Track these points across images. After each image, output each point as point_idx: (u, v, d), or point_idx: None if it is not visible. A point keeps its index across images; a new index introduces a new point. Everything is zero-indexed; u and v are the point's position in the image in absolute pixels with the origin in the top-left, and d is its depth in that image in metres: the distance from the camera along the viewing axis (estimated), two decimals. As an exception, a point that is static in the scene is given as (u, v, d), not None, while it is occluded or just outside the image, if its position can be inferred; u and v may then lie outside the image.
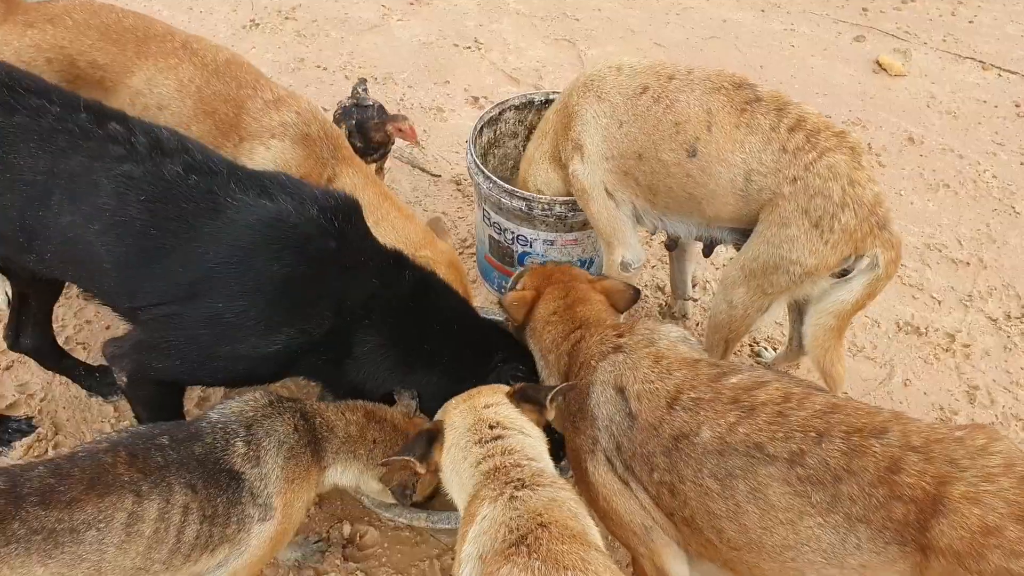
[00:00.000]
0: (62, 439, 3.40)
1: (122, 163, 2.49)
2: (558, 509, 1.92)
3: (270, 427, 2.48)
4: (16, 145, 2.46)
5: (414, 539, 3.13)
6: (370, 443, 2.63)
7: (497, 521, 1.91)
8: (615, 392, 2.38)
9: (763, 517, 2.09)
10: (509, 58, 6.06)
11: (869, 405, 2.18)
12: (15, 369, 3.64)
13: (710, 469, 2.16)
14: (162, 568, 2.23)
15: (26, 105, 2.49)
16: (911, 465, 1.94)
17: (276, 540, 2.44)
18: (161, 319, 2.59)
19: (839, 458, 2.00)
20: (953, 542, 1.84)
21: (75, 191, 2.47)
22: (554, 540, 1.81)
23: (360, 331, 2.72)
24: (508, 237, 3.78)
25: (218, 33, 6.14)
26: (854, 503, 1.98)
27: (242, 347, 2.59)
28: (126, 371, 2.68)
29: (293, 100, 3.49)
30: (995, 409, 3.73)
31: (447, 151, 5.15)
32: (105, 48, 3.37)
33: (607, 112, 3.14)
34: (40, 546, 2.04)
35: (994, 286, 4.33)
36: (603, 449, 2.38)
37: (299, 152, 3.38)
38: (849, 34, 6.49)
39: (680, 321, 4.06)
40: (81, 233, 2.50)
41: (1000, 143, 5.35)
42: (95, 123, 2.53)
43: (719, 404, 2.21)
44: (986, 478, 1.89)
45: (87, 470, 2.18)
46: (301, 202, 2.60)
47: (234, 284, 2.53)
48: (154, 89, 3.35)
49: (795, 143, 2.83)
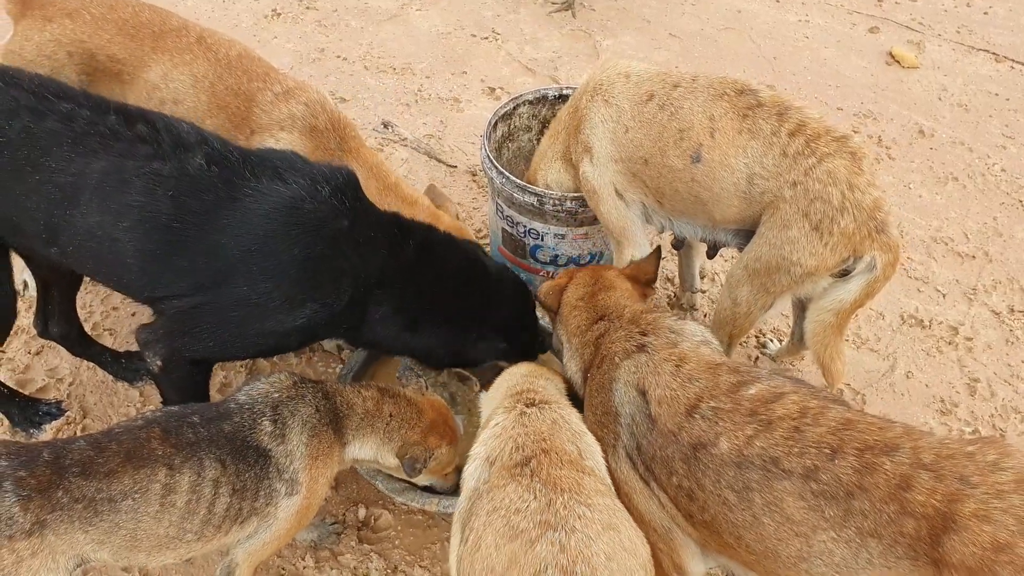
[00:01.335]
0: (90, 422, 3.53)
1: (151, 161, 2.59)
2: (559, 431, 2.27)
3: (294, 407, 2.62)
4: (48, 149, 2.55)
5: (426, 522, 3.24)
6: (387, 417, 2.76)
7: (507, 431, 2.27)
8: (637, 393, 2.44)
9: (778, 529, 2.13)
10: (526, 48, 6.12)
11: (882, 419, 2.21)
12: (45, 354, 3.78)
13: (728, 480, 2.21)
14: (194, 538, 2.37)
15: (56, 110, 2.59)
16: (922, 483, 1.96)
17: (302, 513, 2.58)
18: (191, 307, 2.71)
19: (851, 475, 2.04)
20: (965, 558, 1.86)
21: (106, 190, 2.58)
22: (554, 465, 2.13)
23: (373, 300, 2.87)
24: (520, 231, 3.88)
25: (241, 23, 6.23)
26: (866, 518, 2.00)
27: (269, 324, 2.74)
28: (161, 356, 2.80)
29: (302, 91, 3.56)
30: (995, 402, 3.79)
31: (463, 142, 5.24)
32: (123, 42, 3.45)
33: (614, 117, 3.23)
34: (81, 514, 2.19)
35: (999, 280, 4.38)
36: (624, 446, 2.45)
37: (306, 144, 3.46)
38: (863, 25, 6.49)
39: (689, 312, 4.16)
40: (109, 230, 2.61)
41: (1010, 136, 5.37)
42: (124, 124, 2.63)
43: (738, 416, 2.25)
44: (997, 495, 1.90)
45: (124, 444, 2.32)
46: (313, 183, 2.72)
47: (257, 269, 2.66)
48: (170, 84, 3.45)
49: (795, 148, 2.90)
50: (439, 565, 3.12)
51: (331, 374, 3.75)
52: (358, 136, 3.66)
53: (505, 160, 4.29)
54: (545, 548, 1.91)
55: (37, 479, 2.17)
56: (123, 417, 3.54)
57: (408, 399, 2.84)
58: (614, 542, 1.98)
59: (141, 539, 2.30)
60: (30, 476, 2.16)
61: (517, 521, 1.99)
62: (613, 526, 2.02)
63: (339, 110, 3.68)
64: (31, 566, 2.13)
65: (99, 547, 2.25)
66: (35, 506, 2.13)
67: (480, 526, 2.05)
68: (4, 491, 2.12)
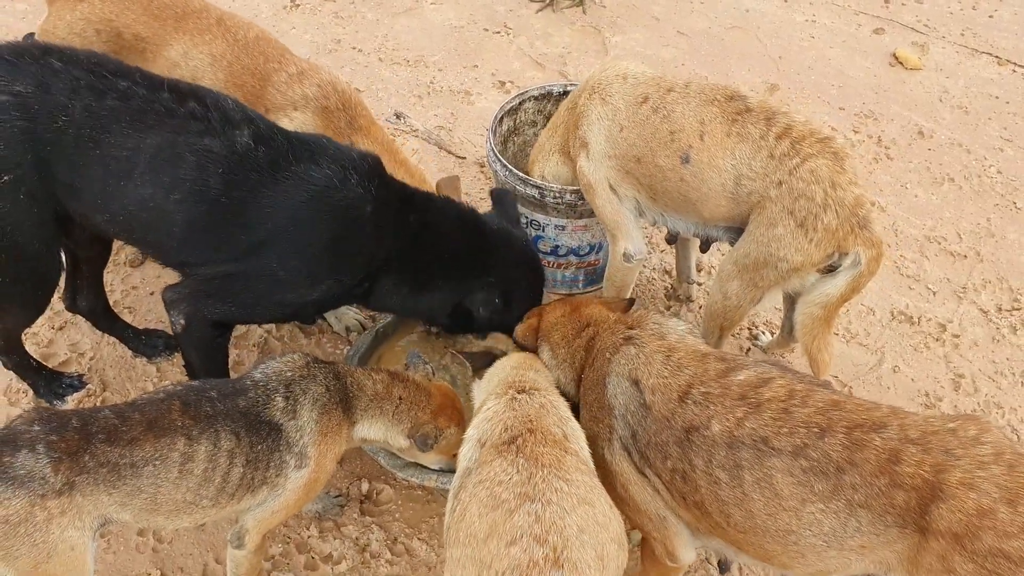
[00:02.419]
0: (109, 395, 3.71)
1: (202, 137, 2.76)
2: (546, 415, 2.42)
3: (306, 386, 2.75)
4: (108, 126, 2.71)
5: (425, 497, 3.40)
6: (396, 400, 2.88)
7: (498, 415, 2.41)
8: (630, 384, 2.56)
9: (768, 504, 2.25)
10: (536, 43, 6.25)
11: (868, 402, 2.34)
12: (68, 330, 3.95)
13: (719, 460, 2.33)
14: (209, 504, 2.53)
15: (115, 88, 2.74)
16: (910, 456, 2.10)
17: (309, 486, 2.72)
18: (220, 274, 2.91)
19: (841, 451, 2.17)
20: (952, 524, 2.00)
21: (160, 164, 2.75)
22: (538, 443, 2.27)
23: (383, 275, 3.07)
24: (523, 221, 4.03)
25: (261, 12, 6.38)
26: (856, 491, 2.12)
27: (289, 296, 2.96)
28: (184, 314, 3.00)
29: (315, 73, 3.73)
30: (978, 397, 3.92)
31: (473, 134, 5.37)
32: (147, 22, 3.65)
33: (610, 115, 3.38)
34: (106, 477, 2.35)
35: (988, 279, 4.50)
36: (620, 437, 2.56)
37: (318, 122, 3.62)
38: (869, 26, 6.57)
39: (685, 303, 4.31)
40: (160, 201, 2.78)
41: (1008, 139, 5.46)
42: (177, 102, 2.79)
43: (728, 400, 2.37)
44: (979, 465, 2.04)
45: (146, 414, 2.48)
46: (344, 169, 2.90)
47: (288, 246, 2.86)
48: (189, 62, 3.63)
49: (781, 150, 3.03)
50: (436, 538, 3.28)
51: (339, 355, 3.91)
52: (369, 115, 3.80)
53: (511, 154, 4.44)
54: (522, 518, 2.04)
55: (67, 443, 2.33)
56: (140, 391, 3.71)
57: (417, 383, 2.96)
58: (587, 516, 2.10)
59: (160, 503, 2.46)
60: (60, 440, 2.32)
61: (499, 492, 2.12)
62: (588, 501, 2.15)
63: (351, 90, 3.82)
64: (60, 523, 2.29)
65: (121, 508, 2.41)
66: (65, 468, 2.29)
67: (467, 497, 2.19)
68: (38, 453, 2.29)
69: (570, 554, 2.00)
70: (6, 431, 2.37)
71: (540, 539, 2.01)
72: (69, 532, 2.32)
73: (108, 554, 3.16)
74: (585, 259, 4.17)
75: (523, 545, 2.00)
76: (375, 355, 3.77)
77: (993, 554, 1.96)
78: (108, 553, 3.16)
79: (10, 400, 3.63)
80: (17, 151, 2.68)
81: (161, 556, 3.18)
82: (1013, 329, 4.24)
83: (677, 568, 2.70)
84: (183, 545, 3.21)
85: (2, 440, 2.32)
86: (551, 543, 2.00)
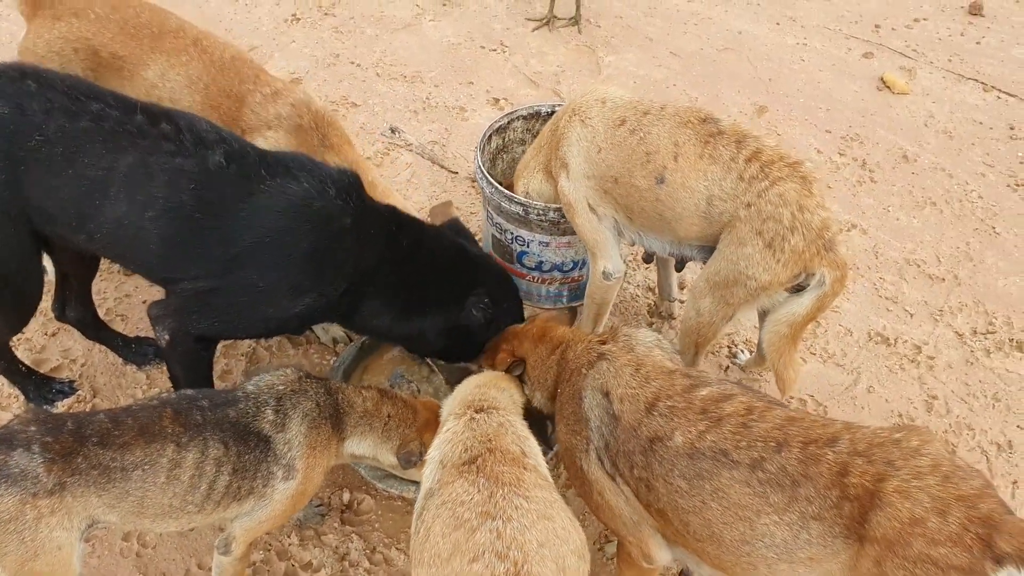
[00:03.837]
0: (99, 401, 3.79)
1: (174, 157, 2.85)
2: (504, 434, 2.50)
3: (297, 400, 2.84)
4: (82, 146, 2.80)
5: (404, 508, 3.46)
6: (385, 417, 2.97)
7: (458, 435, 2.50)
8: (602, 396, 2.68)
9: (724, 514, 2.35)
10: (531, 61, 6.35)
11: (823, 418, 2.45)
12: (60, 336, 4.04)
13: (680, 470, 2.43)
14: (195, 510, 2.61)
15: (89, 111, 2.83)
16: (856, 467, 2.21)
17: (296, 498, 2.80)
18: (202, 289, 2.98)
19: (796, 465, 2.27)
20: (887, 532, 2.09)
21: (133, 183, 2.83)
22: (497, 462, 2.36)
23: (367, 293, 3.14)
24: (508, 237, 4.13)
25: (261, 26, 6.50)
26: (811, 504, 2.22)
27: (272, 310, 3.03)
28: (169, 329, 3.08)
29: (289, 93, 3.80)
30: (950, 418, 3.99)
31: (466, 149, 5.47)
32: (124, 41, 3.71)
33: (588, 137, 3.48)
34: (97, 479, 2.43)
35: (965, 302, 4.58)
36: (595, 448, 2.66)
37: (292, 141, 3.69)
38: (859, 50, 6.67)
39: (667, 320, 4.40)
40: (135, 219, 2.86)
41: (990, 164, 5.54)
42: (150, 123, 2.88)
43: (691, 413, 2.48)
44: (916, 476, 2.14)
45: (139, 420, 2.57)
46: (322, 183, 2.98)
47: (267, 260, 2.93)
48: (167, 83, 3.70)
49: (751, 172, 3.13)
50: (414, 547, 3.36)
51: (325, 366, 4.00)
52: (342, 134, 3.87)
53: (500, 171, 4.53)
54: (484, 535, 2.12)
55: (61, 445, 2.42)
56: (130, 397, 3.80)
57: (405, 401, 3.05)
58: (547, 530, 2.18)
59: (147, 507, 2.54)
60: (55, 442, 2.41)
61: (461, 512, 2.20)
62: (548, 516, 2.23)
63: (326, 110, 3.89)
64: (49, 523, 2.37)
65: (109, 510, 2.49)
66: (57, 468, 2.38)
67: (430, 518, 2.27)
68: (32, 453, 2.37)
69: (531, 568, 2.08)
70: (3, 431, 2.46)
71: (501, 555, 2.09)
72: (57, 532, 2.40)
73: (92, 558, 3.23)
74: (569, 275, 4.26)
75: (485, 561, 2.08)
76: (361, 367, 3.86)
77: (922, 560, 2.05)
78: (92, 557, 3.24)
79: (1, 404, 3.71)
80: None
81: (145, 561, 3.26)
82: (987, 352, 4.31)
83: (653, 569, 2.79)
84: (166, 550, 3.29)
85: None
86: (512, 558, 2.08)
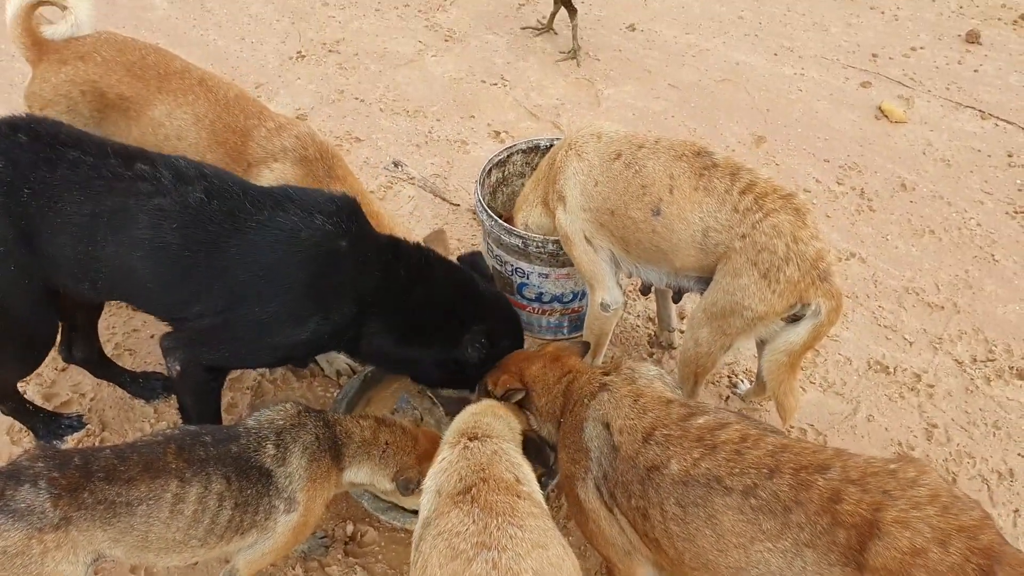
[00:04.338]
0: (108, 435, 3.83)
1: (152, 197, 2.89)
2: (498, 462, 2.55)
3: (296, 434, 2.90)
4: (62, 195, 2.85)
5: (408, 540, 3.44)
6: (382, 444, 3.02)
7: (452, 464, 2.55)
8: (603, 427, 2.73)
9: (719, 541, 2.38)
10: (531, 95, 6.44)
11: (815, 445, 2.49)
12: (70, 371, 4.09)
13: (676, 497, 2.48)
14: (198, 544, 2.65)
15: (65, 158, 2.88)
16: (850, 495, 2.23)
17: (298, 530, 2.85)
18: (207, 325, 3.04)
19: (788, 491, 2.31)
20: (887, 562, 2.10)
21: (116, 226, 2.88)
22: (491, 491, 2.40)
23: (370, 317, 3.17)
24: (508, 269, 4.19)
25: (267, 63, 6.61)
26: (802, 530, 2.24)
27: (278, 338, 3.07)
28: (180, 361, 3.14)
29: (292, 126, 3.89)
30: (950, 447, 4.01)
31: (467, 181, 5.54)
32: (130, 83, 3.79)
33: (585, 171, 3.55)
34: (102, 514, 2.48)
35: (964, 330, 4.60)
36: (593, 478, 2.71)
37: (298, 172, 3.76)
38: (856, 80, 6.74)
39: (667, 350, 4.43)
40: (126, 261, 2.92)
41: (988, 192, 5.59)
42: (124, 166, 2.92)
43: (687, 441, 2.52)
44: (915, 506, 2.15)
45: (143, 456, 2.61)
46: (307, 211, 3.02)
47: (265, 292, 2.97)
48: (173, 121, 3.78)
49: (745, 204, 3.20)
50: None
51: (329, 398, 4.05)
52: (345, 166, 3.94)
53: (500, 203, 4.61)
54: (480, 566, 2.16)
55: (68, 480, 2.46)
56: (138, 431, 3.85)
57: (404, 428, 3.09)
58: (542, 559, 2.22)
59: (151, 541, 2.58)
60: (62, 477, 2.46)
61: (457, 543, 2.24)
62: (542, 544, 2.27)
63: (328, 142, 3.97)
64: (55, 557, 2.41)
65: (114, 545, 2.53)
66: (64, 504, 2.43)
67: (427, 549, 2.31)
68: (39, 488, 2.42)
69: None
70: (11, 467, 2.51)
71: None
72: (63, 566, 2.44)
73: (100, 589, 3.27)
74: (569, 306, 4.32)
75: None
76: (364, 398, 3.90)
77: None
78: (100, 588, 3.28)
79: (12, 439, 3.77)
80: (1, 226, 2.84)
81: (150, 592, 3.30)
82: (987, 380, 4.34)
83: None
84: (172, 582, 3.33)
85: (6, 475, 2.46)
86: None
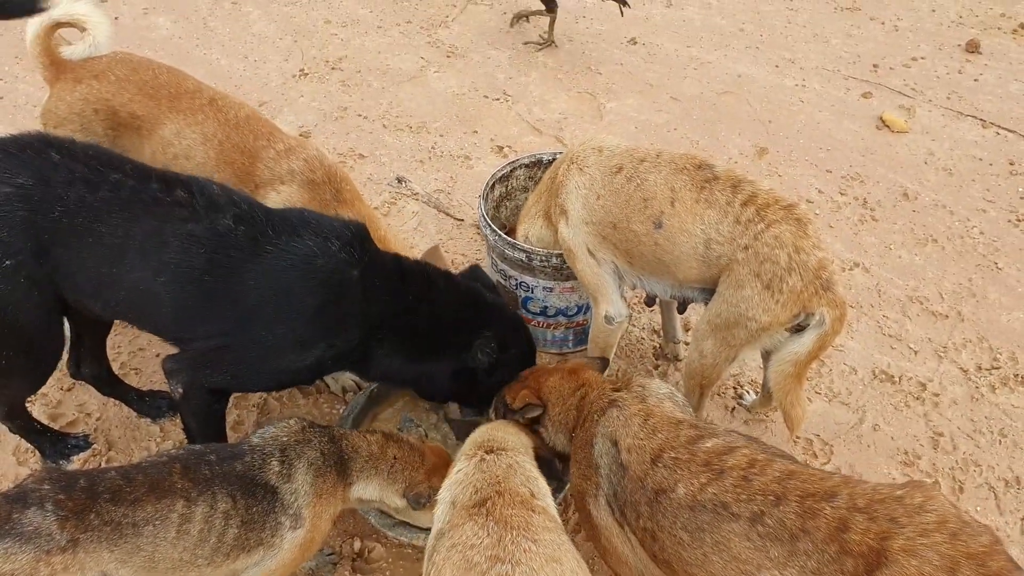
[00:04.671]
0: (114, 455, 3.85)
1: (186, 223, 2.94)
2: (514, 475, 2.56)
3: (301, 450, 2.91)
4: (100, 216, 2.89)
5: (415, 555, 3.49)
6: (391, 460, 3.03)
7: (468, 477, 2.57)
8: (611, 444, 2.74)
9: (726, 567, 2.36)
10: (534, 109, 6.47)
11: (822, 471, 2.48)
12: (76, 391, 4.11)
13: (683, 522, 2.47)
14: (205, 563, 2.65)
15: (108, 181, 2.93)
16: (857, 524, 2.21)
17: (305, 546, 2.86)
18: (212, 347, 3.06)
19: (795, 519, 2.30)
20: None
21: (147, 250, 2.92)
22: (506, 505, 2.41)
23: (376, 341, 3.19)
24: (513, 283, 4.20)
25: (271, 81, 6.65)
26: (809, 558, 2.22)
27: (283, 363, 3.09)
28: (183, 383, 3.15)
29: (301, 148, 3.92)
30: (956, 455, 4.01)
31: (471, 197, 5.55)
32: (142, 101, 3.86)
33: (587, 184, 3.57)
34: (109, 535, 2.48)
35: (969, 339, 4.61)
36: (604, 494, 2.72)
37: (305, 195, 3.79)
38: (857, 90, 6.75)
39: (673, 362, 4.44)
40: (149, 284, 2.95)
41: (991, 200, 5.59)
42: (164, 192, 2.97)
43: (694, 465, 2.52)
44: (922, 533, 2.13)
45: (149, 476, 2.62)
46: (325, 239, 3.05)
47: (275, 315, 3.00)
48: (182, 140, 3.83)
49: (747, 216, 3.22)
50: (424, 593, 3.39)
51: (335, 415, 4.06)
52: (353, 189, 3.97)
53: (503, 218, 4.63)
54: None
55: (74, 502, 2.47)
56: (144, 450, 3.87)
57: (411, 444, 3.10)
58: (556, 573, 2.22)
59: (158, 561, 2.57)
60: (68, 499, 2.46)
61: (472, 556, 2.26)
62: (556, 559, 2.27)
63: (337, 165, 4.00)
64: None
65: (121, 566, 2.52)
66: (71, 525, 2.43)
67: (440, 560, 2.32)
68: (46, 510, 2.42)
69: None
70: (17, 489, 2.51)
71: None
72: None
73: (108, 609, 3.27)
74: (574, 319, 4.33)
75: None
76: (370, 415, 3.91)
77: None
78: (108, 608, 3.28)
79: (19, 460, 3.78)
80: (19, 238, 2.85)
81: (159, 611, 3.30)
82: (992, 388, 4.34)
83: None
84: (180, 600, 3.33)
85: (13, 498, 2.46)
86: None
